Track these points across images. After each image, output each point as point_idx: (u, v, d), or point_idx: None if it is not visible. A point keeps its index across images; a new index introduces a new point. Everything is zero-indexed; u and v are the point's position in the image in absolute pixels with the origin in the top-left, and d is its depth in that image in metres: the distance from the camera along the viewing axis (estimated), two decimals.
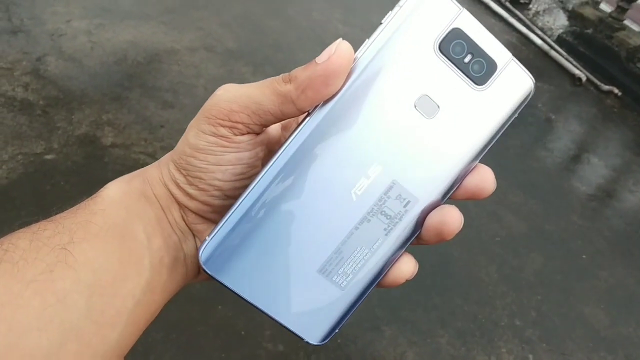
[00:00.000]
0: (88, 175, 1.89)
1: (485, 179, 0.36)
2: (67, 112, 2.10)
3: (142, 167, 0.38)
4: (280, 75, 0.33)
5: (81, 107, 2.13)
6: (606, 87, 3.24)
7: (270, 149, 0.38)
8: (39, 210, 1.75)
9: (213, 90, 0.34)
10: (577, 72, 3.28)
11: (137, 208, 0.35)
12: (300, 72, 0.32)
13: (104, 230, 0.33)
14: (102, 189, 0.36)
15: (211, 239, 0.33)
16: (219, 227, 0.33)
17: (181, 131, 0.36)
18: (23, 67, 2.23)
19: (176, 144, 0.36)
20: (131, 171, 0.37)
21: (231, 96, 0.34)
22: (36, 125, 2.01)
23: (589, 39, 3.45)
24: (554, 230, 2.25)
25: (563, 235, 2.24)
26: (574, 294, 2.02)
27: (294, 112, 0.33)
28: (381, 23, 0.32)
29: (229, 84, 0.34)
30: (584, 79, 3.25)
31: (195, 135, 0.34)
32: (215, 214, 0.37)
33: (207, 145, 0.34)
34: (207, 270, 0.33)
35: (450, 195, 0.36)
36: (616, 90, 3.23)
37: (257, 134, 0.35)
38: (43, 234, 0.31)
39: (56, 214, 0.34)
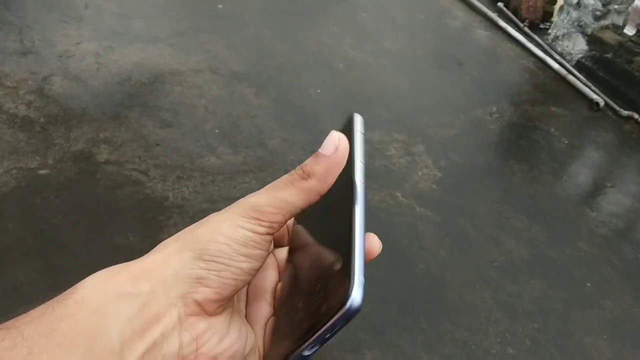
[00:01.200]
0: (79, 190, 1.91)
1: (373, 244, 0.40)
2: (66, 129, 2.14)
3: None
4: (295, 173, 0.39)
5: (80, 124, 2.17)
6: (626, 113, 3.14)
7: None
8: (26, 223, 1.77)
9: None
10: (595, 96, 3.19)
11: (115, 309, 0.33)
12: (316, 167, 0.39)
13: (69, 338, 0.31)
14: (78, 285, 0.33)
15: (357, 278, 0.34)
16: (357, 265, 0.35)
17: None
18: (28, 86, 2.29)
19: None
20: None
21: (265, 201, 0.38)
22: (34, 142, 2.06)
23: (609, 64, 3.37)
24: (557, 257, 2.16)
25: (567, 262, 2.15)
26: (574, 324, 1.93)
27: (318, 199, 0.39)
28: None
29: (255, 193, 0.39)
30: (602, 103, 3.16)
31: (233, 227, 0.37)
32: (216, 304, 0.37)
33: (244, 239, 0.37)
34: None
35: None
36: (636, 116, 3.12)
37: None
38: (0, 346, 0.30)
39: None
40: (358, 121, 0.42)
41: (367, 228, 0.35)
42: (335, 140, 0.39)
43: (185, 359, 0.35)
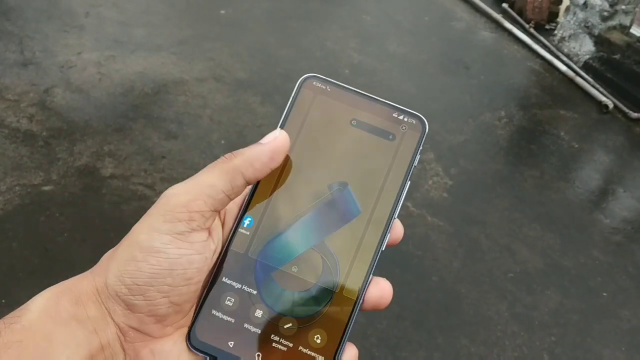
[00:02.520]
0: (83, 206, 1.87)
1: (384, 291, 0.40)
2: (69, 143, 2.10)
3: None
4: (224, 155, 0.36)
5: (83, 138, 2.13)
6: (635, 115, 3.10)
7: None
8: (31, 242, 1.73)
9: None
10: (603, 99, 3.15)
11: (63, 336, 0.32)
12: (246, 149, 0.37)
13: None
14: (25, 307, 0.32)
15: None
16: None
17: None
18: (30, 98, 2.25)
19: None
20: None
21: (182, 190, 0.35)
22: (37, 157, 2.02)
23: (617, 65, 3.32)
24: (572, 266, 2.12)
25: (582, 271, 2.11)
26: (592, 335, 1.89)
27: (242, 185, 0.36)
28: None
29: (175, 185, 0.36)
30: (611, 106, 3.12)
31: (148, 237, 0.33)
32: (158, 325, 0.35)
33: (162, 246, 0.33)
34: None
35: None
36: None
37: (209, 232, 0.37)
38: None
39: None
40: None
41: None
42: (274, 133, 0.38)
43: None
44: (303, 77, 0.42)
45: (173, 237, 0.33)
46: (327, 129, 0.41)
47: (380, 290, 0.39)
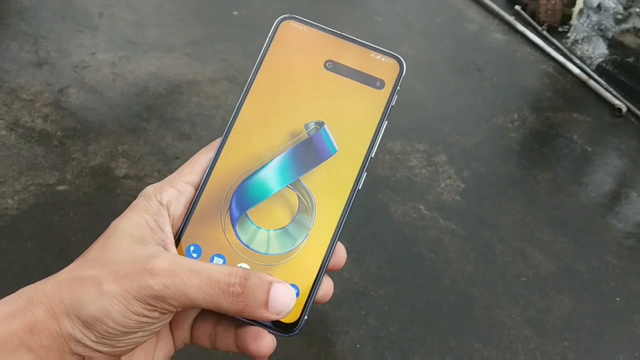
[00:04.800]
0: (98, 206, 1.88)
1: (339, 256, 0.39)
2: (84, 143, 2.11)
3: None
4: (233, 282, 0.33)
5: (98, 138, 2.14)
6: None
7: None
8: (46, 242, 1.74)
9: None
10: (617, 102, 3.13)
11: None
12: (255, 290, 0.34)
13: None
14: None
15: None
16: None
17: None
18: (45, 98, 2.27)
19: None
20: None
21: (169, 282, 0.32)
22: (52, 156, 2.03)
23: (631, 68, 3.30)
24: (585, 271, 2.11)
25: (595, 275, 2.10)
26: (605, 340, 1.88)
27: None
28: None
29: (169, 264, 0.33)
30: (624, 109, 3.10)
31: (124, 314, 0.31)
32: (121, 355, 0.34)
33: (137, 324, 0.32)
34: None
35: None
36: None
37: None
38: None
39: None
40: None
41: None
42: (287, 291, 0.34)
43: None
44: (280, 17, 0.43)
45: (149, 318, 0.32)
46: (304, 70, 0.41)
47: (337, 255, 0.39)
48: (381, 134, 0.40)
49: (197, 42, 2.85)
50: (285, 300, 0.33)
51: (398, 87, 0.42)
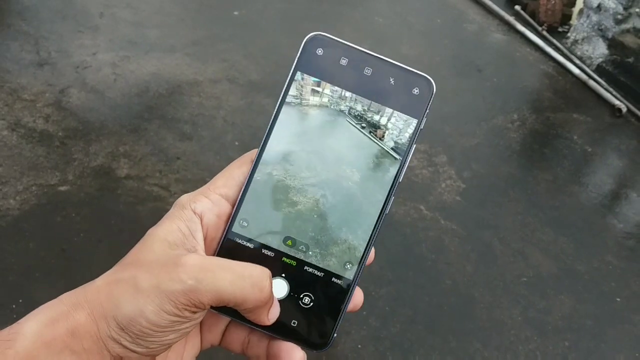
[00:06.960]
0: (99, 207, 1.88)
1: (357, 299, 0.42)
2: (85, 143, 2.11)
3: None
4: (259, 284, 0.36)
5: (99, 138, 2.14)
6: None
7: None
8: (47, 242, 1.74)
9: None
10: (617, 102, 3.13)
11: None
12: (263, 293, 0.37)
13: None
14: (18, 330, 0.32)
15: None
16: None
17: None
18: (46, 98, 2.27)
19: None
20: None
21: (203, 281, 0.34)
22: (53, 157, 2.03)
23: (630, 68, 3.31)
24: (585, 271, 2.11)
25: (595, 276, 2.10)
26: (605, 341, 1.88)
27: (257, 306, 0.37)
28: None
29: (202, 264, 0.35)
30: (624, 109, 3.10)
31: (156, 313, 0.33)
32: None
33: (169, 324, 0.33)
34: None
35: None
36: None
37: None
38: None
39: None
40: None
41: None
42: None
43: None
44: (309, 35, 0.41)
45: (181, 317, 0.34)
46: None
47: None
48: (410, 156, 0.41)
49: (198, 42, 2.85)
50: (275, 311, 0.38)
51: (428, 110, 0.41)
